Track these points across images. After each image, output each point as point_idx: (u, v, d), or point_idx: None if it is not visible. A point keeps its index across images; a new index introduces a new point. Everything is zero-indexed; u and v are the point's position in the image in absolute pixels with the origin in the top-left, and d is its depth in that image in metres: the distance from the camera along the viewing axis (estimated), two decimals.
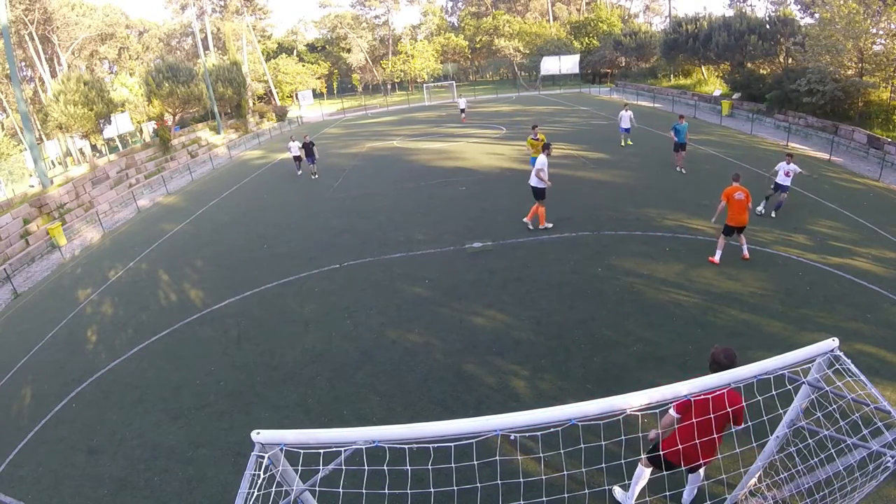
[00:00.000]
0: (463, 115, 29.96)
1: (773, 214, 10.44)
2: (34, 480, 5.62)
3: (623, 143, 18.19)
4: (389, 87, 59.19)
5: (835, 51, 17.54)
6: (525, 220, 10.77)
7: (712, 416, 3.14)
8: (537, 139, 13.14)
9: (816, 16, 20.87)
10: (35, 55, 37.65)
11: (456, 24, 63.95)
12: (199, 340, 8.10)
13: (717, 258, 8.46)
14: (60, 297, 11.29)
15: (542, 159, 10.11)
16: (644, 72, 40.43)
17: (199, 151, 28.94)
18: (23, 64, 38.01)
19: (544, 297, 7.97)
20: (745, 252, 8.53)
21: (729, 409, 3.20)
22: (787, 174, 10.19)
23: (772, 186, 10.50)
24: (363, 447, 2.39)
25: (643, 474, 3.92)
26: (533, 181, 10.20)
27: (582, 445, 3.21)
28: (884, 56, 16.76)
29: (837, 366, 2.73)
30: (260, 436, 2.45)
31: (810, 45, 19.04)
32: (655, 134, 19.88)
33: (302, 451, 2.48)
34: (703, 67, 31.54)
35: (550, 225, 10.68)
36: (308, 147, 18.48)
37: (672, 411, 3.46)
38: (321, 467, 2.53)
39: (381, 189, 15.82)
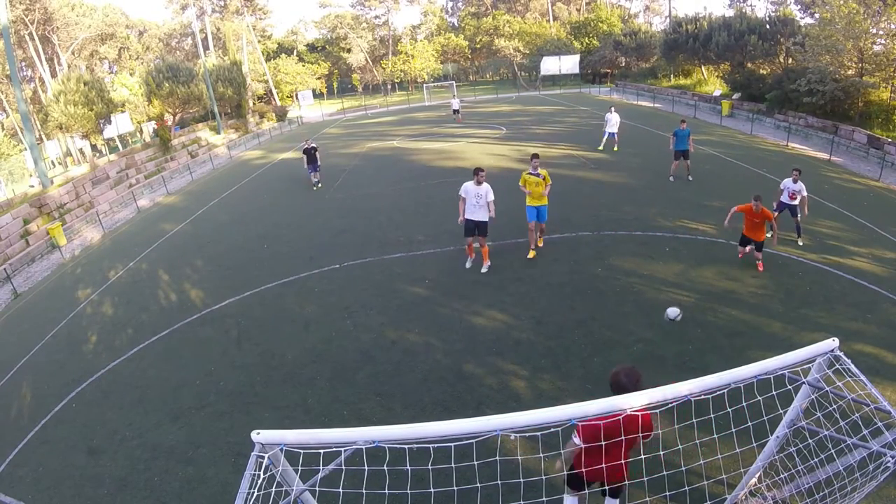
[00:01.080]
0: (457, 115, 29.53)
1: (799, 242, 9.02)
2: (34, 480, 5.62)
3: (613, 148, 17.29)
4: (389, 87, 59.19)
5: (835, 51, 17.55)
6: (484, 268, 9.11)
7: (623, 438, 3.04)
8: (537, 175, 8.98)
9: (816, 16, 20.88)
10: (35, 55, 37.66)
11: (456, 24, 63.93)
12: (199, 340, 8.10)
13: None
14: (60, 297, 11.29)
15: (468, 187, 8.45)
16: (644, 72, 40.43)
17: (200, 151, 28.94)
18: (23, 64, 38.01)
19: (544, 297, 7.97)
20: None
21: (640, 434, 3.22)
22: (791, 196, 8.76)
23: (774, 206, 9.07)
24: (363, 447, 2.39)
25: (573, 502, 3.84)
26: (485, 215, 8.50)
27: (582, 445, 3.21)
28: (884, 56, 16.77)
29: (837, 366, 2.73)
30: (260, 436, 2.45)
31: (810, 45, 19.04)
32: (655, 134, 19.89)
33: (302, 452, 2.48)
34: (703, 67, 31.55)
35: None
36: (310, 153, 16.29)
37: (576, 440, 3.34)
38: (321, 467, 2.53)
39: (381, 189, 15.82)
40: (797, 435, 3.33)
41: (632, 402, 2.44)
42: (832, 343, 2.73)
